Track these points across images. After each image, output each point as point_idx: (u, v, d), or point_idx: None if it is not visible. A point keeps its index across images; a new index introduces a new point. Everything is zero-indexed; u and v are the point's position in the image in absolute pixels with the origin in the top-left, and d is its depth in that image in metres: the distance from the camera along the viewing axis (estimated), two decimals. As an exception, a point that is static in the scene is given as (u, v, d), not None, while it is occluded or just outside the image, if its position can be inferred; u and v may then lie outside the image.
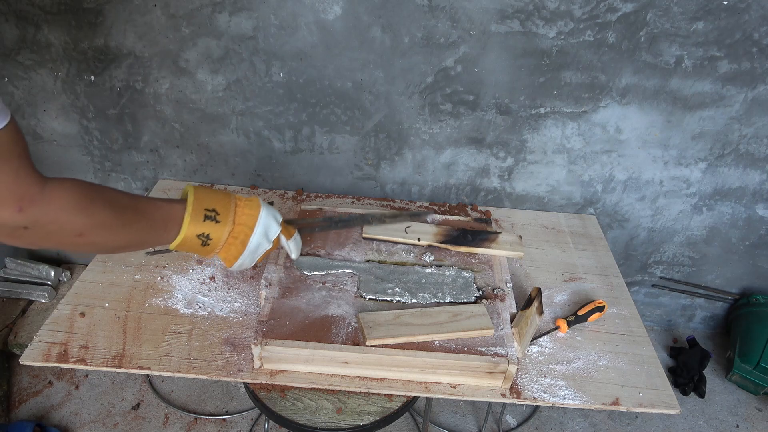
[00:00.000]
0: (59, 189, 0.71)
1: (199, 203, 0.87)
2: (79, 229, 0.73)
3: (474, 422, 1.73)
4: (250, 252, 0.94)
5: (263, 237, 0.94)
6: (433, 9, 1.27)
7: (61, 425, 1.64)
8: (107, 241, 0.79)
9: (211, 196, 0.90)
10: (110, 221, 0.76)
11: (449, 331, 1.04)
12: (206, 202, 0.88)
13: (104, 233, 0.77)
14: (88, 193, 0.74)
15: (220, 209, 0.89)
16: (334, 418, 1.09)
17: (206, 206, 0.88)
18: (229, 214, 0.90)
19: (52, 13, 1.33)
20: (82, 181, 0.75)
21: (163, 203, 0.86)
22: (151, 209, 0.83)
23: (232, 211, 0.91)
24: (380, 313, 1.07)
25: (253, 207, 0.93)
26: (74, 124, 1.54)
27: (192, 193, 0.88)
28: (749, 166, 1.52)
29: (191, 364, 1.06)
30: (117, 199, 0.79)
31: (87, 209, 0.73)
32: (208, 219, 0.87)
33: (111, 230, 0.77)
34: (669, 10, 1.25)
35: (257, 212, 0.93)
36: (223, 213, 0.89)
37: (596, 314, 1.21)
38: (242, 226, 0.92)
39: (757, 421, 1.77)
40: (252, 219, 0.93)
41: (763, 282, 1.83)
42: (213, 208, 0.88)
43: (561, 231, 1.54)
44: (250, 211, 0.93)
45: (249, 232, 0.92)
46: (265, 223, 0.94)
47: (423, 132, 1.49)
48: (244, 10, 1.29)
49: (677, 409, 1.05)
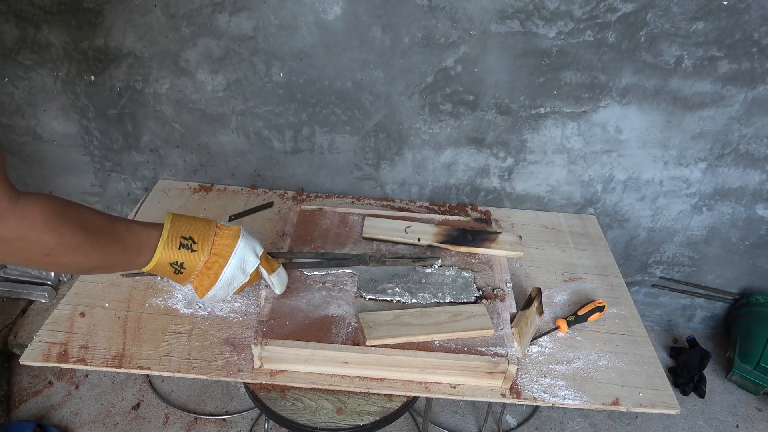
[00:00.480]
0: (31, 205, 0.69)
1: (176, 230, 0.85)
2: (48, 248, 0.71)
3: (474, 422, 1.73)
4: (222, 285, 0.91)
5: (238, 269, 0.91)
6: (433, 9, 1.27)
7: (61, 425, 1.64)
8: (76, 263, 0.76)
9: (189, 223, 0.87)
10: (80, 242, 0.74)
11: (449, 331, 1.04)
12: (184, 229, 0.86)
13: (73, 254, 0.74)
14: (60, 212, 0.72)
15: (198, 237, 0.87)
16: (334, 418, 1.09)
17: (183, 234, 0.86)
18: (206, 244, 0.87)
19: (52, 13, 1.33)
20: (56, 199, 0.73)
21: (139, 228, 0.84)
22: (125, 233, 0.81)
23: (210, 241, 0.88)
24: (380, 313, 1.07)
25: (231, 237, 0.90)
26: (74, 124, 1.54)
27: (169, 220, 0.86)
28: (749, 166, 1.52)
29: (191, 364, 1.06)
30: (90, 220, 0.77)
31: (57, 229, 0.71)
32: (183, 247, 0.85)
33: (80, 252, 0.75)
34: (669, 10, 1.25)
35: (234, 242, 0.90)
36: (200, 242, 0.87)
37: (596, 314, 1.21)
38: (217, 257, 0.89)
39: (757, 421, 1.77)
40: (228, 249, 0.89)
41: (763, 282, 1.82)
42: (190, 236, 0.86)
43: (561, 231, 1.54)
44: (226, 241, 0.90)
45: (223, 263, 0.89)
46: (242, 255, 0.91)
47: (423, 132, 1.49)
48: (244, 10, 1.29)
49: (677, 409, 1.05)
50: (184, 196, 1.57)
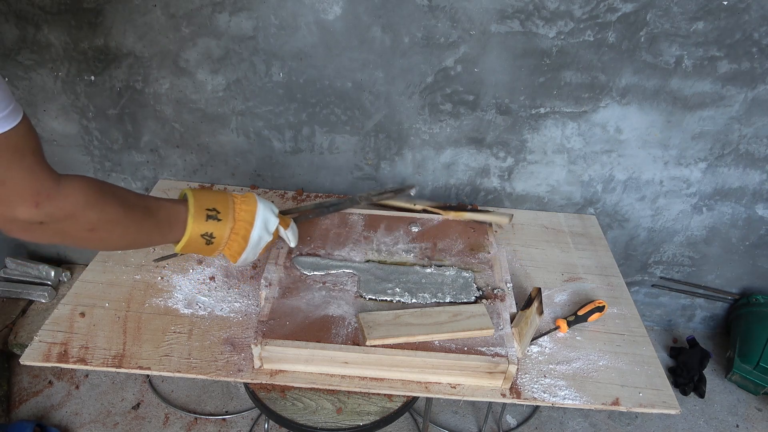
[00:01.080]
0: (73, 185, 0.72)
1: (200, 203, 0.90)
2: (92, 224, 0.76)
3: (474, 422, 1.73)
4: (252, 246, 0.97)
5: (263, 230, 0.97)
6: (433, 9, 1.27)
7: (61, 425, 1.64)
8: (117, 237, 0.81)
9: (209, 196, 0.92)
10: (120, 218, 0.79)
11: (449, 331, 1.04)
12: (206, 202, 0.90)
13: (115, 229, 0.79)
14: (99, 190, 0.76)
15: (221, 208, 0.91)
16: (334, 418, 1.09)
17: (207, 206, 0.90)
18: (229, 212, 0.92)
19: (52, 13, 1.33)
20: (93, 178, 0.77)
21: (168, 203, 0.88)
22: (156, 208, 0.85)
23: (231, 209, 0.93)
24: (380, 313, 1.07)
25: (251, 203, 0.96)
26: (74, 124, 1.54)
27: (191, 195, 0.90)
28: (749, 166, 1.52)
29: (191, 364, 1.06)
30: (126, 196, 0.81)
31: (99, 205, 0.76)
32: (210, 218, 0.90)
33: (121, 226, 0.80)
34: (669, 10, 1.25)
35: (254, 207, 0.96)
36: (224, 211, 0.92)
37: (596, 314, 1.21)
38: (242, 222, 0.94)
39: (757, 421, 1.77)
40: (251, 215, 0.95)
41: (763, 282, 1.82)
42: (213, 207, 0.90)
43: (561, 231, 1.54)
44: (248, 207, 0.95)
45: (249, 227, 0.95)
46: (264, 216, 0.97)
47: (423, 132, 1.49)
48: (244, 10, 1.30)
49: (677, 409, 1.05)
50: (184, 196, 1.57)
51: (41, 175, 0.68)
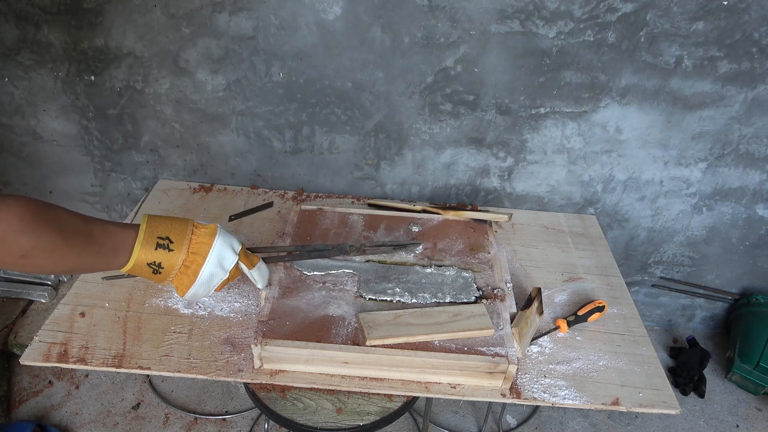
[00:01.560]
0: (6, 207, 0.69)
1: (152, 231, 0.86)
2: (23, 250, 0.71)
3: (474, 422, 1.73)
4: (202, 282, 0.91)
5: (217, 267, 0.92)
6: (433, 9, 1.27)
7: (61, 425, 1.64)
8: (52, 264, 0.76)
9: (165, 224, 0.88)
10: (56, 244, 0.74)
11: (449, 331, 1.04)
12: (160, 229, 0.86)
13: (49, 256, 0.74)
14: (37, 214, 0.72)
15: (175, 237, 0.87)
16: (334, 418, 1.09)
17: (159, 234, 0.86)
18: (184, 243, 0.88)
19: (52, 13, 1.33)
20: (32, 200, 0.73)
21: (116, 229, 0.84)
22: (101, 234, 0.81)
23: (187, 240, 0.88)
24: (380, 313, 1.07)
25: (208, 235, 0.91)
26: (74, 124, 1.54)
27: (145, 221, 0.86)
28: (749, 166, 1.52)
29: (191, 364, 1.06)
30: (66, 221, 0.76)
31: (33, 231, 0.71)
32: (160, 247, 0.86)
33: (56, 253, 0.75)
34: (669, 10, 1.25)
35: (211, 240, 0.90)
36: (177, 241, 0.87)
37: (596, 314, 1.21)
38: (195, 255, 0.89)
39: (757, 421, 1.77)
40: (205, 247, 0.90)
41: (763, 282, 1.82)
42: (166, 236, 0.86)
43: (561, 231, 1.54)
44: (203, 239, 0.90)
45: (201, 261, 0.90)
46: (219, 252, 0.91)
47: (423, 132, 1.49)
48: (244, 10, 1.30)
49: (677, 409, 1.05)
50: (184, 196, 1.57)
51: None
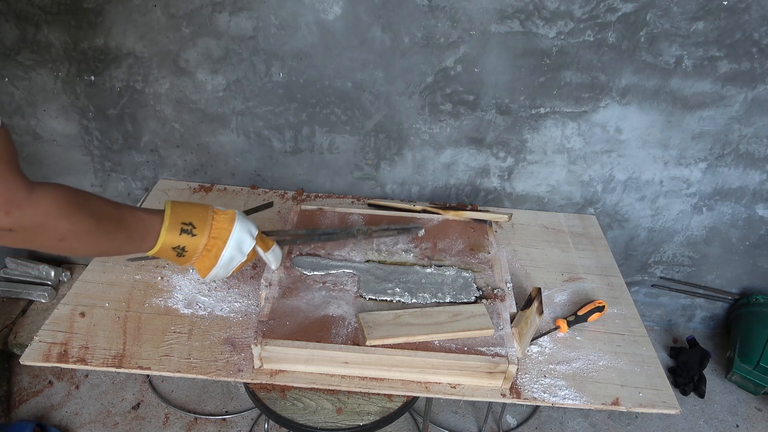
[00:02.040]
0: (45, 194, 0.73)
1: (176, 217, 0.90)
2: (62, 234, 0.76)
3: (474, 422, 1.73)
4: (222, 265, 0.96)
5: (236, 250, 0.97)
6: (433, 9, 1.27)
7: (61, 425, 1.64)
8: (87, 247, 0.82)
9: (188, 210, 0.92)
10: (92, 229, 0.79)
11: (449, 331, 1.04)
12: (183, 215, 0.91)
13: (85, 239, 0.79)
14: (73, 200, 0.77)
15: (197, 222, 0.92)
16: (334, 418, 1.09)
17: (183, 220, 0.90)
18: (206, 228, 0.92)
19: (52, 13, 1.33)
20: (68, 188, 0.77)
21: (144, 214, 0.88)
22: (131, 219, 0.86)
23: (209, 225, 0.93)
24: (380, 313, 1.07)
25: (227, 220, 0.95)
26: (74, 124, 1.54)
27: (169, 207, 0.91)
28: (749, 166, 1.52)
29: (191, 364, 1.06)
30: (100, 207, 0.81)
31: (71, 216, 0.76)
32: (184, 232, 0.90)
33: (92, 237, 0.80)
34: (669, 10, 1.25)
35: (231, 226, 0.95)
36: (200, 226, 0.92)
37: (596, 314, 1.21)
38: (215, 240, 0.94)
39: (757, 421, 1.77)
40: (225, 232, 0.95)
41: (763, 282, 1.83)
42: (190, 221, 0.91)
43: (561, 231, 1.54)
44: (223, 225, 0.95)
45: (222, 245, 0.95)
46: (238, 237, 0.96)
47: (423, 132, 1.49)
48: (244, 10, 1.30)
49: (677, 409, 1.05)
50: (184, 196, 1.57)
51: (13, 184, 0.69)
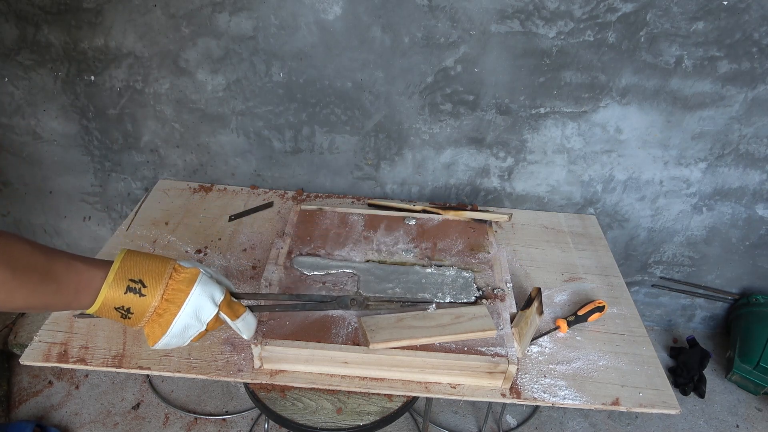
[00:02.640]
0: None
1: (125, 272, 0.77)
2: None
3: (474, 422, 1.73)
4: (174, 334, 0.82)
5: (193, 318, 0.82)
6: (433, 9, 1.27)
7: (61, 425, 1.64)
8: (2, 301, 0.69)
9: (142, 264, 0.79)
10: (4, 280, 0.67)
11: (452, 333, 1.04)
12: (134, 270, 0.78)
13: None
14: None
15: (149, 280, 0.78)
16: (334, 418, 1.09)
17: (132, 276, 0.77)
18: (158, 287, 0.79)
19: (52, 13, 1.33)
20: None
21: (83, 267, 0.75)
22: (63, 272, 0.73)
23: (163, 284, 0.79)
24: (382, 317, 1.06)
25: (186, 281, 0.82)
26: (74, 124, 1.54)
27: (119, 259, 0.78)
28: (749, 166, 1.52)
29: (191, 364, 1.06)
30: (21, 256, 0.69)
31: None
32: (130, 291, 0.77)
33: (2, 290, 0.68)
34: (669, 10, 1.25)
35: (189, 288, 0.81)
36: (151, 285, 0.78)
37: (596, 314, 1.21)
38: (168, 303, 0.80)
39: (757, 421, 1.77)
40: (181, 296, 0.81)
41: (763, 282, 1.82)
42: (139, 278, 0.78)
43: (561, 231, 1.54)
44: (180, 287, 0.81)
45: (175, 310, 0.81)
46: (197, 302, 0.82)
47: (423, 132, 1.49)
48: (244, 10, 1.30)
49: (677, 409, 1.05)
50: (184, 196, 1.57)
51: None
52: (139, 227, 1.42)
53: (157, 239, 1.38)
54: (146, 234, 1.40)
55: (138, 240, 1.37)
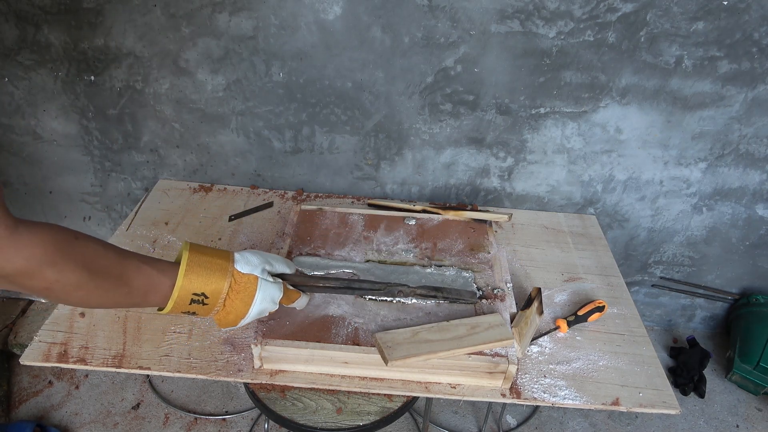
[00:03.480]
0: (30, 236, 0.64)
1: (187, 288, 0.80)
2: (47, 282, 0.67)
3: (474, 422, 1.73)
4: (241, 325, 0.90)
5: (257, 315, 0.90)
6: (433, 9, 1.27)
7: (61, 425, 1.64)
8: (76, 300, 0.72)
9: (204, 275, 0.82)
10: (81, 282, 0.69)
11: (469, 345, 1.01)
12: (196, 283, 0.81)
13: (73, 292, 0.70)
14: (63, 247, 0.67)
15: (210, 294, 0.83)
16: (334, 418, 1.09)
17: (195, 290, 0.81)
18: (219, 299, 0.84)
19: (52, 13, 1.33)
20: (62, 231, 0.68)
21: (152, 271, 0.78)
22: (134, 276, 0.76)
23: (223, 296, 0.84)
24: (397, 332, 1.03)
25: (247, 293, 0.86)
26: (74, 124, 1.54)
27: (183, 269, 0.80)
28: (749, 166, 1.52)
29: (191, 364, 1.06)
30: (97, 258, 0.71)
31: (57, 264, 0.66)
32: (194, 302, 0.82)
33: (81, 290, 0.70)
34: (669, 10, 1.25)
35: (250, 299, 0.87)
36: (213, 297, 0.83)
37: (596, 314, 1.21)
38: (233, 307, 0.86)
39: (757, 421, 1.77)
40: (244, 308, 0.87)
41: (763, 282, 1.82)
42: (202, 292, 0.82)
43: (561, 231, 1.54)
44: (243, 298, 0.86)
45: (243, 313, 0.88)
46: (260, 308, 0.89)
47: (423, 132, 1.49)
48: (244, 10, 1.30)
49: (677, 409, 1.05)
50: (184, 196, 1.57)
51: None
52: (139, 227, 1.42)
53: (157, 239, 1.38)
54: (146, 234, 1.40)
55: (138, 240, 1.37)
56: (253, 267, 0.88)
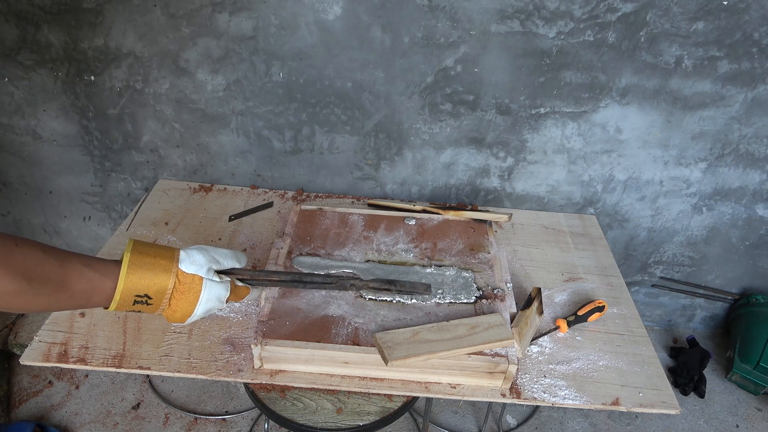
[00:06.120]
0: None
1: (129, 289, 0.81)
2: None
3: (474, 422, 1.73)
4: (191, 323, 0.91)
5: (205, 314, 0.90)
6: (433, 9, 1.27)
7: (61, 425, 1.64)
8: (16, 307, 0.71)
9: (144, 280, 0.81)
10: (20, 290, 0.69)
11: (470, 345, 1.01)
12: (139, 285, 0.81)
13: (12, 300, 0.69)
14: (1, 256, 0.67)
15: (154, 295, 0.83)
16: (334, 418, 1.09)
17: (137, 292, 0.81)
18: (163, 299, 0.84)
19: (52, 13, 1.33)
20: (1, 240, 0.68)
21: (93, 275, 0.78)
22: (76, 281, 0.75)
23: (167, 296, 0.84)
24: (397, 332, 1.04)
25: (193, 295, 0.86)
26: (74, 124, 1.54)
27: (125, 268, 0.80)
28: (749, 166, 1.52)
29: (191, 364, 1.06)
30: (36, 265, 0.71)
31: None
32: (138, 303, 0.82)
33: (20, 298, 0.69)
34: (669, 10, 1.25)
35: (196, 299, 0.87)
36: (156, 298, 0.83)
37: (596, 314, 1.21)
38: (178, 306, 0.87)
39: (757, 421, 1.77)
40: (189, 307, 0.87)
41: (763, 282, 1.83)
42: (145, 293, 0.82)
43: (561, 231, 1.54)
44: (187, 297, 0.86)
45: (188, 312, 0.88)
46: (205, 308, 0.89)
47: (423, 132, 1.49)
48: (244, 10, 1.30)
49: (677, 409, 1.05)
50: (184, 196, 1.57)
51: None
52: (139, 227, 1.42)
53: (157, 239, 1.38)
54: (146, 234, 1.40)
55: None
56: (198, 267, 0.87)
